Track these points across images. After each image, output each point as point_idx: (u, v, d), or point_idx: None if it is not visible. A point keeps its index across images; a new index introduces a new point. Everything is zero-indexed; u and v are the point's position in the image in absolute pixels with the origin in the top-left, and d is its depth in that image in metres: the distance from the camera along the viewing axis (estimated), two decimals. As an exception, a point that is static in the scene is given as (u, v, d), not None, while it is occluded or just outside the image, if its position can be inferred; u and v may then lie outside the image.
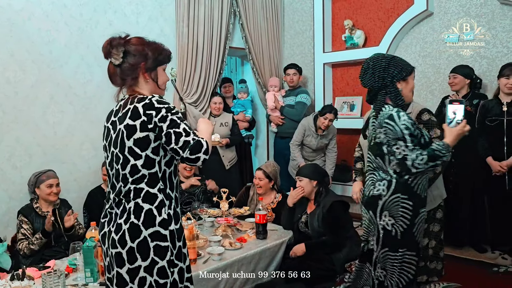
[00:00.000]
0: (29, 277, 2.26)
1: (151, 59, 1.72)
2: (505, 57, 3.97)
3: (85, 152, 3.82)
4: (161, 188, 1.67)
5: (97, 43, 3.83)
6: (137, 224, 1.62)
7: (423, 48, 4.52)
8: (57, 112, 3.62)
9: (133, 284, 1.63)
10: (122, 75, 1.70)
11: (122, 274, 1.65)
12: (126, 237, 1.63)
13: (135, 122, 1.62)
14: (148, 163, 1.65)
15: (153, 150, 1.64)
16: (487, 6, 4.07)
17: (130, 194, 1.66)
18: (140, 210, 1.64)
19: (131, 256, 1.63)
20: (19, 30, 3.38)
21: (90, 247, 2.41)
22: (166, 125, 1.59)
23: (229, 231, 3.14)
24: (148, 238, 1.62)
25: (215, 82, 4.72)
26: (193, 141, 1.58)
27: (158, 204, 1.65)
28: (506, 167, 3.41)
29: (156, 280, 1.64)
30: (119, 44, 1.68)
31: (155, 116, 1.60)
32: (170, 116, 1.60)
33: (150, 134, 1.62)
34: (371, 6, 4.92)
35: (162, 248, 1.64)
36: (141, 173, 1.65)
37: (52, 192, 3.05)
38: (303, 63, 5.38)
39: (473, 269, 3.41)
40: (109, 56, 1.70)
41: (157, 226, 1.64)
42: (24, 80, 3.42)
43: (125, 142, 1.64)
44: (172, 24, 4.42)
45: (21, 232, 2.98)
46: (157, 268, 1.64)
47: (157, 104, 1.62)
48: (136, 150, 1.63)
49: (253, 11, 5.09)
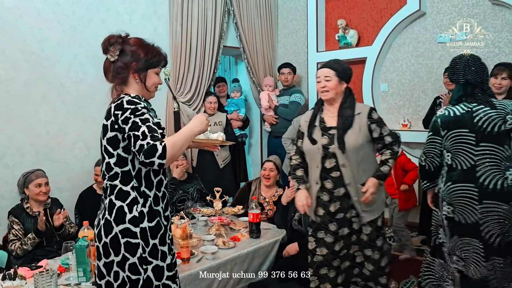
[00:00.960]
0: (21, 277, 2.25)
1: (143, 61, 1.76)
2: (496, 57, 4.01)
3: (77, 151, 3.80)
4: (134, 186, 1.71)
5: (90, 41, 3.82)
6: (110, 220, 1.70)
7: (415, 48, 4.55)
8: (49, 111, 3.60)
9: (109, 277, 1.72)
10: (114, 73, 1.77)
11: (100, 267, 1.74)
12: (102, 232, 1.72)
13: (108, 122, 1.69)
14: (120, 161, 1.70)
15: (123, 149, 1.69)
16: (479, 6, 4.11)
17: (107, 191, 1.74)
18: (112, 206, 1.71)
19: (105, 251, 1.71)
20: (11, 28, 3.35)
21: (82, 247, 2.40)
22: (128, 127, 1.63)
23: (223, 230, 3.15)
24: (119, 234, 1.69)
25: (209, 81, 4.72)
26: (147, 145, 1.56)
27: (129, 202, 1.70)
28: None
29: (128, 275, 1.70)
30: (117, 42, 1.73)
31: (120, 116, 1.64)
32: (133, 118, 1.62)
33: (118, 134, 1.67)
34: (364, 5, 4.94)
35: (132, 244, 1.69)
36: (114, 171, 1.71)
37: (41, 191, 3.01)
38: (296, 63, 5.39)
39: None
40: (106, 52, 1.75)
41: (127, 223, 1.69)
42: (16, 78, 3.39)
43: (101, 141, 1.73)
44: (166, 23, 4.41)
45: (12, 233, 2.96)
46: (128, 264, 1.70)
47: (126, 104, 1.66)
48: (109, 149, 1.70)
49: (247, 10, 5.08)
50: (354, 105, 2.51)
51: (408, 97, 4.66)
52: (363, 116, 2.47)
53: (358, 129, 2.45)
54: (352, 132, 2.44)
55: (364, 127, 2.46)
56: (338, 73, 2.46)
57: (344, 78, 2.50)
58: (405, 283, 3.17)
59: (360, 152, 2.45)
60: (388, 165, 2.45)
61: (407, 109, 4.69)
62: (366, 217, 2.51)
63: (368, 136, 2.48)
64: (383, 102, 4.87)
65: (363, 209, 2.49)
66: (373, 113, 2.50)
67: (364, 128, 2.46)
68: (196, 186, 3.83)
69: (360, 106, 2.54)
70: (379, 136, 2.49)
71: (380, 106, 4.86)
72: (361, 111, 2.49)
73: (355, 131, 2.44)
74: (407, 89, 4.66)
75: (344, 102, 2.51)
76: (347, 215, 2.52)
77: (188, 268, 2.52)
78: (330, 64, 2.51)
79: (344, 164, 2.45)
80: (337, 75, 2.46)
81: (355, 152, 2.43)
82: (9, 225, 3.00)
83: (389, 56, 4.76)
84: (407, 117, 4.64)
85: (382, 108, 4.86)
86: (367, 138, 2.48)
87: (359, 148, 2.44)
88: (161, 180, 1.80)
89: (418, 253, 3.78)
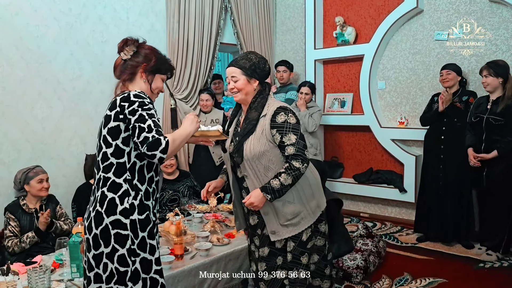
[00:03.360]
0: (14, 273, 2.26)
1: (153, 64, 1.87)
2: (493, 54, 4.00)
3: (74, 148, 3.81)
4: (127, 179, 1.75)
5: (87, 38, 3.82)
6: (101, 211, 1.73)
7: (413, 45, 4.54)
8: (45, 107, 3.61)
9: (99, 269, 1.74)
10: (123, 69, 1.86)
11: (90, 259, 1.76)
12: (92, 224, 1.74)
13: (111, 112, 1.74)
14: (117, 152, 1.74)
15: (123, 140, 1.74)
16: (476, 4, 4.10)
17: (100, 183, 1.77)
18: (104, 198, 1.74)
19: (95, 242, 1.73)
20: (7, 25, 3.35)
21: (76, 242, 2.40)
22: (134, 119, 1.69)
23: (218, 226, 3.15)
24: (109, 226, 1.71)
25: (205, 78, 4.72)
26: (152, 138, 1.64)
27: (121, 194, 1.73)
28: (475, 158, 3.47)
29: (116, 267, 1.73)
30: (133, 44, 1.86)
31: (127, 108, 1.71)
32: (140, 111, 1.69)
33: (121, 124, 1.72)
34: (362, 3, 4.93)
35: (122, 236, 1.72)
36: (110, 161, 1.75)
37: (43, 187, 3.03)
38: (294, 60, 5.39)
39: (459, 265, 3.44)
40: (121, 50, 1.86)
41: (118, 215, 1.72)
42: (11, 75, 3.40)
43: (101, 131, 1.77)
44: (163, 20, 4.41)
45: (9, 229, 2.96)
46: (117, 256, 1.72)
47: (133, 97, 1.73)
48: (108, 139, 1.75)
49: (245, 7, 5.08)
50: (264, 105, 2.13)
51: (405, 94, 4.66)
52: (267, 118, 2.10)
53: (260, 134, 2.10)
54: (252, 138, 2.10)
55: (267, 132, 2.09)
56: (245, 70, 2.11)
57: (254, 74, 2.12)
58: (399, 280, 3.18)
59: (262, 160, 2.09)
60: (279, 180, 2.02)
61: (404, 106, 4.68)
62: (277, 235, 2.17)
63: (273, 141, 2.10)
64: (380, 99, 4.87)
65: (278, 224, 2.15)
66: (278, 116, 2.08)
67: (268, 132, 2.09)
68: (187, 184, 3.83)
69: (271, 105, 2.14)
70: (279, 144, 2.08)
71: (377, 104, 4.86)
72: (267, 112, 2.11)
73: (256, 136, 2.10)
74: (404, 86, 4.66)
75: (253, 103, 2.14)
76: (264, 232, 2.23)
77: (181, 264, 2.52)
78: (236, 60, 2.16)
79: (247, 174, 2.16)
80: (243, 73, 2.11)
81: (255, 161, 2.10)
82: (6, 222, 3.00)
83: (386, 53, 4.75)
84: (404, 114, 4.64)
85: (379, 106, 4.86)
86: (271, 143, 2.09)
87: (260, 156, 2.09)
88: (152, 176, 1.85)
89: (413, 251, 3.79)
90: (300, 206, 2.17)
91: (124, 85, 1.87)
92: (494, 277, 3.22)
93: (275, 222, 2.16)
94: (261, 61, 2.16)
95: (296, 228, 2.17)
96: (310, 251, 2.24)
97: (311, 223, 2.20)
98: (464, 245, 3.80)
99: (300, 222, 2.17)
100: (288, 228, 2.16)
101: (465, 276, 3.23)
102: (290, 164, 2.04)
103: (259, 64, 2.14)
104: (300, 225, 2.17)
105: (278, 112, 2.09)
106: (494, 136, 3.42)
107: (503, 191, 3.40)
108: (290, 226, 2.16)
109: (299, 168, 2.04)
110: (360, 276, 3.12)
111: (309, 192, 2.21)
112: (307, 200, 2.20)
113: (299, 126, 2.13)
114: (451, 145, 3.79)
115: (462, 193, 3.79)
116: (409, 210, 4.62)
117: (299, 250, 2.20)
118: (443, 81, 3.88)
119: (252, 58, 2.15)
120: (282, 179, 2.03)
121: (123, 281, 1.74)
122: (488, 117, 3.44)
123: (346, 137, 5.21)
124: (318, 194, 2.28)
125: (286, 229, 2.16)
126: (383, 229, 4.44)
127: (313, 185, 2.25)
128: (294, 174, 2.04)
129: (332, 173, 5.08)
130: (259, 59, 2.16)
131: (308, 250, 2.23)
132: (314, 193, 2.24)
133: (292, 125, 2.08)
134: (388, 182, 4.68)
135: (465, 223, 3.79)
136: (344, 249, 3.26)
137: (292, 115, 2.11)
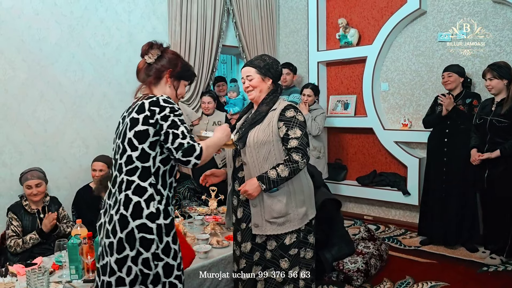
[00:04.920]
0: (12, 274, 2.27)
1: (179, 70, 1.90)
2: (497, 56, 3.96)
3: (75, 150, 3.83)
4: (152, 183, 1.74)
5: (88, 41, 3.84)
6: (126, 215, 1.70)
7: (416, 46, 4.51)
8: (47, 110, 3.63)
9: (121, 272, 1.71)
10: (148, 72, 1.87)
11: (111, 263, 1.73)
12: (117, 227, 1.71)
13: (139, 115, 1.74)
14: (143, 156, 1.73)
15: (150, 144, 1.73)
16: (480, 4, 4.06)
17: (122, 186, 1.74)
18: (129, 201, 1.71)
19: (119, 246, 1.70)
20: (9, 28, 3.38)
21: (75, 244, 2.41)
22: (167, 125, 1.71)
23: (218, 229, 3.14)
24: (135, 230, 1.69)
25: (207, 80, 4.72)
26: (187, 145, 1.69)
27: (147, 198, 1.72)
28: (479, 157, 3.43)
29: (141, 269, 1.72)
30: (158, 48, 1.87)
31: (158, 113, 1.72)
32: (172, 116, 1.72)
33: (150, 128, 1.72)
34: (365, 4, 4.91)
35: (147, 240, 1.70)
36: (135, 165, 1.73)
37: (32, 193, 3.03)
38: (297, 62, 5.38)
39: (462, 268, 3.40)
40: (145, 54, 1.87)
41: (144, 219, 1.70)
42: (14, 78, 3.42)
43: (127, 133, 1.76)
44: (165, 22, 4.42)
45: (11, 229, 2.99)
46: (142, 259, 1.71)
47: (163, 102, 1.74)
48: (134, 142, 1.74)
49: (247, 10, 5.08)
50: (275, 102, 2.24)
51: (409, 96, 4.62)
52: (276, 112, 2.19)
53: (267, 125, 2.18)
54: (258, 128, 2.18)
55: (274, 124, 2.17)
56: (260, 69, 2.23)
57: (268, 73, 2.24)
58: (401, 283, 3.14)
59: (262, 149, 2.16)
60: (276, 171, 2.08)
61: (407, 108, 4.65)
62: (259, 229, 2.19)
63: (277, 134, 2.17)
64: (383, 101, 4.84)
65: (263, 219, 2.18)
66: (288, 111, 2.18)
67: (274, 124, 2.17)
68: (188, 186, 3.82)
69: (282, 103, 2.25)
70: (283, 136, 2.15)
71: (381, 106, 4.83)
72: (277, 107, 2.21)
73: (263, 126, 2.18)
74: (408, 88, 4.63)
75: (266, 99, 2.24)
76: (249, 226, 2.25)
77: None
78: (251, 61, 2.29)
79: (246, 161, 2.21)
80: (258, 72, 2.23)
81: (256, 148, 2.16)
82: (8, 221, 3.03)
83: (389, 55, 4.72)
84: (407, 116, 4.60)
85: (383, 108, 4.83)
86: (275, 136, 2.17)
87: (261, 145, 2.15)
88: (172, 182, 1.86)
89: (416, 254, 3.75)
90: (288, 208, 2.19)
91: (148, 88, 1.88)
92: (498, 280, 3.17)
93: (261, 216, 2.19)
94: (274, 62, 2.28)
95: (280, 228, 2.19)
96: (294, 261, 2.24)
97: (296, 228, 2.21)
98: (468, 248, 3.75)
99: (285, 223, 2.19)
100: (272, 226, 2.18)
101: (467, 280, 3.19)
102: (290, 157, 2.11)
103: (273, 65, 2.26)
104: (284, 226, 2.19)
105: (288, 108, 2.19)
106: (498, 138, 3.38)
107: (505, 193, 3.35)
108: (274, 224, 2.18)
109: (298, 161, 2.11)
110: (361, 279, 3.08)
111: (301, 198, 2.25)
112: (297, 205, 2.22)
113: (306, 126, 2.22)
114: (454, 147, 3.75)
115: (466, 196, 3.74)
116: (413, 212, 4.58)
117: (279, 252, 2.22)
118: (445, 84, 3.84)
119: (266, 59, 2.27)
120: (279, 170, 2.09)
121: (144, 283, 1.75)
122: (492, 119, 3.40)
123: (349, 139, 5.19)
124: (309, 203, 2.31)
125: (270, 226, 2.19)
126: (386, 232, 4.40)
127: (306, 192, 2.29)
128: (292, 166, 2.10)
129: (335, 176, 5.05)
130: (272, 60, 2.29)
131: (290, 258, 2.23)
132: (305, 200, 2.27)
133: (300, 121, 2.18)
134: (392, 184, 4.64)
135: (468, 226, 3.74)
136: (344, 252, 3.25)
137: (301, 114, 2.22)
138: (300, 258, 2.26)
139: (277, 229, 2.18)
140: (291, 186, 2.19)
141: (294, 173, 2.12)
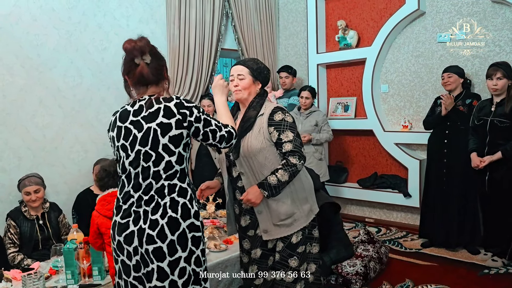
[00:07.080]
0: (7, 279, 2.27)
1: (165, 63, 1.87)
2: (497, 56, 3.93)
3: (75, 155, 3.84)
4: (188, 183, 1.79)
5: (87, 46, 3.86)
6: (176, 217, 1.70)
7: (415, 47, 4.49)
8: (46, 115, 3.64)
9: (173, 275, 1.70)
10: (154, 72, 1.77)
11: (163, 268, 1.69)
12: (166, 231, 1.68)
13: (170, 120, 1.70)
14: (179, 159, 1.75)
15: (183, 146, 1.76)
16: (479, 5, 4.03)
17: (164, 190, 1.72)
18: (176, 204, 1.72)
19: (171, 249, 1.69)
20: (7, 34, 3.40)
21: (70, 249, 2.41)
22: (202, 125, 1.76)
23: (216, 232, 3.14)
24: (186, 230, 1.72)
25: (207, 84, 4.72)
26: (227, 134, 1.82)
27: (189, 198, 1.76)
28: (481, 162, 3.37)
29: (193, 268, 1.74)
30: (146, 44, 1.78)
31: (189, 115, 1.73)
32: (202, 116, 1.77)
33: (184, 131, 1.73)
34: (364, 6, 4.90)
35: (197, 238, 1.76)
36: (174, 169, 1.74)
37: (30, 199, 3.03)
38: (297, 64, 5.38)
39: (463, 271, 3.36)
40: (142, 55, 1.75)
41: (192, 218, 1.74)
42: (12, 83, 3.44)
43: (159, 140, 1.70)
44: (163, 26, 4.44)
45: (8, 236, 2.99)
46: (194, 258, 1.74)
47: (186, 103, 1.75)
48: (170, 147, 1.72)
49: (246, 13, 5.08)
50: (262, 106, 2.21)
51: (409, 97, 4.60)
52: (264, 117, 2.17)
53: (257, 132, 2.16)
54: (250, 136, 2.16)
55: (265, 129, 2.15)
56: (253, 71, 2.21)
57: (259, 77, 2.23)
58: (400, 287, 3.11)
59: (258, 157, 2.14)
60: (276, 176, 2.08)
61: (407, 110, 4.62)
62: (269, 234, 2.20)
63: (269, 139, 2.16)
64: (383, 103, 4.82)
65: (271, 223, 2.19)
66: (276, 114, 2.16)
67: (265, 130, 2.15)
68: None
69: (268, 106, 2.22)
70: (277, 141, 2.14)
71: (381, 107, 4.81)
72: (264, 112, 2.19)
73: (254, 133, 2.16)
74: (408, 89, 4.60)
75: (253, 102, 2.22)
76: (257, 232, 2.27)
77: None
78: (244, 61, 2.27)
79: (242, 171, 2.19)
80: (251, 73, 2.21)
81: (252, 157, 2.14)
82: (6, 228, 3.03)
83: (389, 56, 4.70)
84: (407, 118, 4.58)
85: (383, 109, 4.81)
86: (269, 141, 2.15)
87: (256, 153, 2.13)
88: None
89: (417, 256, 3.71)
90: (294, 208, 2.20)
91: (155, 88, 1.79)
92: (499, 283, 3.13)
93: (269, 221, 2.19)
94: (265, 68, 2.28)
95: (289, 229, 2.19)
96: (302, 258, 2.24)
97: (303, 225, 2.22)
98: (470, 251, 3.71)
99: (293, 223, 2.20)
100: (281, 229, 2.19)
101: (468, 282, 3.15)
102: (287, 160, 2.11)
103: (264, 70, 2.26)
104: (292, 226, 2.20)
105: (276, 111, 2.17)
106: (498, 139, 3.34)
107: (507, 196, 3.31)
108: (282, 227, 2.19)
109: (296, 164, 2.11)
110: (359, 283, 3.06)
111: (303, 196, 2.26)
112: (301, 203, 2.23)
113: (296, 125, 2.21)
114: (454, 149, 3.71)
115: (467, 198, 3.70)
116: (414, 215, 4.54)
117: (287, 252, 2.21)
118: (445, 85, 3.81)
119: (258, 63, 2.27)
120: (279, 175, 2.09)
121: (198, 281, 1.76)
122: (492, 119, 3.36)
123: (350, 141, 5.17)
124: (311, 199, 2.33)
125: (279, 229, 2.19)
126: (387, 234, 4.37)
127: (307, 189, 2.30)
128: (291, 170, 2.10)
129: (336, 178, 5.03)
130: (264, 65, 2.28)
131: (299, 255, 2.23)
132: (307, 197, 2.29)
133: (289, 123, 2.16)
134: (393, 186, 4.61)
135: (470, 228, 3.70)
136: (343, 255, 3.23)
137: (289, 115, 2.20)
138: (307, 253, 2.28)
139: (286, 230, 2.19)
140: (292, 185, 2.20)
141: (294, 175, 2.13)
